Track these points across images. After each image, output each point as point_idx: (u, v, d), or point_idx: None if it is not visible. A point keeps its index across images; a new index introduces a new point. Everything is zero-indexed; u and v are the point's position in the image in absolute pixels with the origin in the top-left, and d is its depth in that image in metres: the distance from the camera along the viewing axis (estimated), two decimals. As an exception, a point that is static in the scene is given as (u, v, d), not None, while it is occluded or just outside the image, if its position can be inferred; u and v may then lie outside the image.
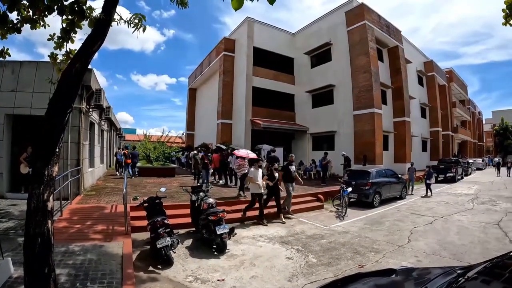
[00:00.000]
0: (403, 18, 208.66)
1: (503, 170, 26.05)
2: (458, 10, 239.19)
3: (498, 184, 18.73)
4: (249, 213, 8.53)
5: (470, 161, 30.41)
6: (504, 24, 4.50)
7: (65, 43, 4.03)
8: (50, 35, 3.99)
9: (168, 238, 5.17)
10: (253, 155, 11.62)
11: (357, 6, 20.51)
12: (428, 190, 13.88)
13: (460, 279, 1.77)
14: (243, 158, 11.28)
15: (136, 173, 17.05)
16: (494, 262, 1.88)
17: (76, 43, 4.18)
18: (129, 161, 16.98)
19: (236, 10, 2.53)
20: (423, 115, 29.53)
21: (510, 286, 1.62)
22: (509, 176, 22.39)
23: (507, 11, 4.37)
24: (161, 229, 5.29)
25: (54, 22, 4.27)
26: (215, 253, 5.79)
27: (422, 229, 7.92)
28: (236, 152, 12.26)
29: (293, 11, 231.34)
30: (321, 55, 23.49)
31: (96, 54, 3.52)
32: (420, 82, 29.57)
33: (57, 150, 3.24)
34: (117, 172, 18.38)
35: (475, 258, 5.19)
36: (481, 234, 7.24)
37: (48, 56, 4.15)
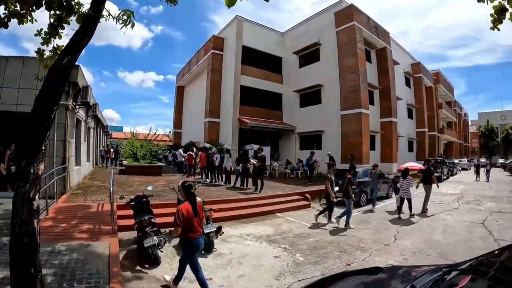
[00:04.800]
0: (395, 20, 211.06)
1: (482, 174, 23.01)
2: (448, 14, 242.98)
3: (483, 184, 19.15)
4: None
5: (456, 161, 31.07)
6: (492, 28, 4.63)
7: (52, 39, 3.97)
8: (37, 30, 3.92)
9: (155, 237, 5.14)
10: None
11: (346, 7, 20.68)
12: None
13: (445, 276, 1.82)
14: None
15: (118, 164, 22.25)
16: (479, 260, 1.92)
17: (63, 39, 4.10)
18: (108, 155, 22.52)
19: (229, 7, 2.52)
20: (410, 115, 30.07)
21: (495, 284, 1.67)
22: (488, 181, 21.05)
23: (495, 16, 4.51)
24: (148, 228, 5.25)
25: (42, 17, 4.19)
26: (203, 252, 5.76)
27: (408, 228, 8.07)
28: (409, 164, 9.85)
29: (282, 12, 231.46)
30: (309, 55, 23.64)
31: (83, 50, 3.47)
32: (408, 83, 30.09)
33: (43, 147, 3.19)
34: (103, 164, 22.68)
35: (460, 257, 5.30)
36: (466, 233, 7.43)
37: (35, 51, 4.07)
